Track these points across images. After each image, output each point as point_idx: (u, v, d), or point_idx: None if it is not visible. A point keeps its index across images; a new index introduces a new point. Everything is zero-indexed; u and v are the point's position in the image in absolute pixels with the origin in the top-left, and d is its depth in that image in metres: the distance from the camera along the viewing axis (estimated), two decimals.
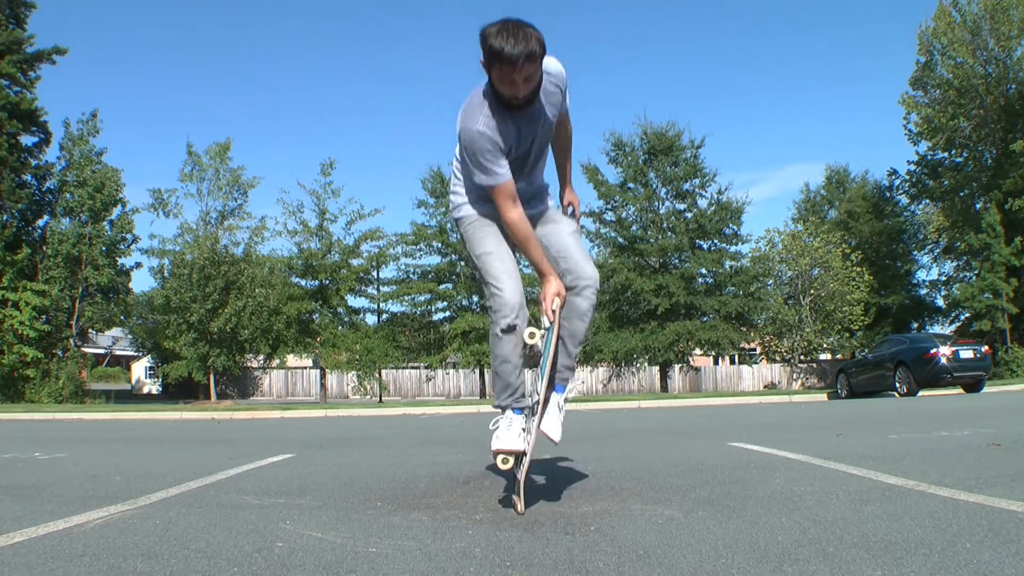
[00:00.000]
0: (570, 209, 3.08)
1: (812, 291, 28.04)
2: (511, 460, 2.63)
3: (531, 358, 2.80)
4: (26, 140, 23.25)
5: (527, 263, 2.79)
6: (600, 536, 2.15)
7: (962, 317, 28.53)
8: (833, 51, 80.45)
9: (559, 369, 2.81)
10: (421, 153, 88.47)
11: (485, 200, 2.71)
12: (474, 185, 2.67)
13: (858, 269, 28.28)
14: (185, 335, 24.21)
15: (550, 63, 2.57)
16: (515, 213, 2.60)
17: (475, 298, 28.57)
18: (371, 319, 29.50)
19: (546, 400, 2.73)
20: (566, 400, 2.85)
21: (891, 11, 73.80)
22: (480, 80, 2.56)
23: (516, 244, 2.69)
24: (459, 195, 2.82)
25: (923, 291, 34.01)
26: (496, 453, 2.62)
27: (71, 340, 23.96)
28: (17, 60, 22.31)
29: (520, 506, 2.54)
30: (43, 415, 13.23)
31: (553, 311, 2.62)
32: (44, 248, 23.06)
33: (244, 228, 25.92)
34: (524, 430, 2.64)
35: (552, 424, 2.76)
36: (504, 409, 2.69)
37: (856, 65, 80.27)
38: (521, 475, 2.60)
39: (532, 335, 2.59)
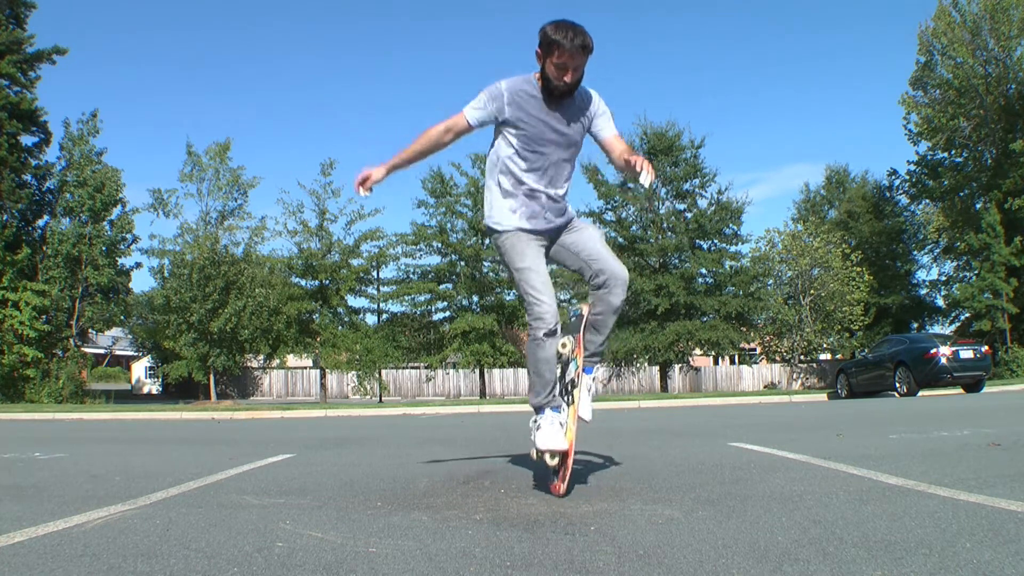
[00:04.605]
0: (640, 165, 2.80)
1: (812, 291, 28.02)
2: (558, 457, 2.88)
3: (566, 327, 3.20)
4: (26, 140, 23.26)
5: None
6: (600, 536, 2.15)
7: (962, 317, 28.51)
8: (833, 51, 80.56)
9: (590, 352, 3.09)
10: None
11: (520, 213, 2.96)
12: (513, 186, 2.94)
13: (858, 269, 28.25)
14: (185, 335, 24.20)
15: (588, 88, 2.94)
16: (442, 127, 2.96)
17: (475, 298, 28.56)
18: (371, 319, 29.53)
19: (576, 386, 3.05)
20: (593, 380, 3.11)
21: (891, 11, 73.86)
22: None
23: (425, 140, 3.01)
24: (496, 207, 3.00)
25: (923, 291, 34.01)
26: (543, 452, 2.90)
27: (71, 340, 23.95)
28: (17, 60, 22.28)
29: (562, 487, 2.80)
30: (43, 415, 13.22)
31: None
32: (44, 248, 23.05)
33: (244, 228, 25.92)
34: (562, 424, 2.92)
35: (584, 408, 3.03)
36: (543, 408, 2.95)
37: (856, 65, 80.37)
38: (566, 466, 2.86)
39: (564, 345, 2.97)
